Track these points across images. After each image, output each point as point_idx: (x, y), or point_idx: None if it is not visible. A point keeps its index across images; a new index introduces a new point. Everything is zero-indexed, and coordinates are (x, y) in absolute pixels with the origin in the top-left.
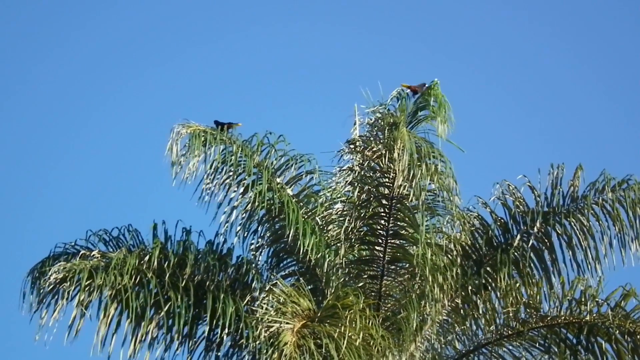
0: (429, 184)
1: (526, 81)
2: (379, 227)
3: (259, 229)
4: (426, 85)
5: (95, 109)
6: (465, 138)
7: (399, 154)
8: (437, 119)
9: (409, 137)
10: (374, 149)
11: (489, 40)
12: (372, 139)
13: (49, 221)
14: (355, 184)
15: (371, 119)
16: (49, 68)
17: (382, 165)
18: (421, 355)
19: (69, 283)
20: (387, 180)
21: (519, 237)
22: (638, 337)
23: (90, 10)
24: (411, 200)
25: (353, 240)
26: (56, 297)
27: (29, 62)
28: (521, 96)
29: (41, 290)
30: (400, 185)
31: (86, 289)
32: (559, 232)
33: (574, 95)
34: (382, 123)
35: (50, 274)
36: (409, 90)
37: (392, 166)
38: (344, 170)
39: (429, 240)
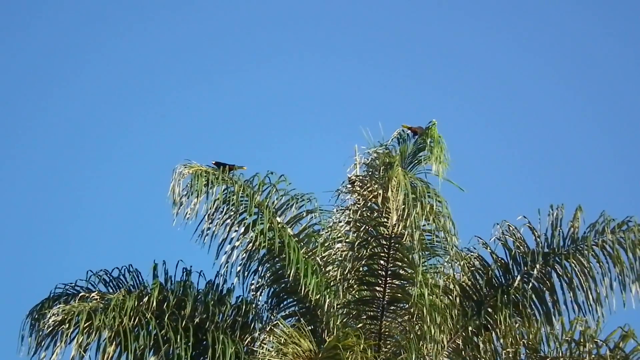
0: (426, 224)
1: (526, 122)
2: (378, 268)
3: (260, 269)
4: (426, 126)
5: (96, 150)
6: (466, 178)
7: (392, 193)
8: (432, 158)
9: (404, 177)
10: (370, 189)
11: (489, 81)
12: (368, 178)
13: (49, 261)
14: (352, 224)
15: (368, 159)
16: (48, 111)
17: (379, 205)
18: None
19: (67, 325)
20: (385, 220)
21: (519, 277)
22: None
23: (94, 47)
24: (407, 240)
25: (352, 280)
26: (55, 339)
27: (28, 109)
28: (522, 137)
29: (40, 333)
30: (395, 224)
31: (85, 330)
32: (560, 273)
33: (574, 136)
34: (378, 163)
35: (49, 316)
36: (409, 131)
37: (388, 205)
38: (342, 210)
39: (427, 281)
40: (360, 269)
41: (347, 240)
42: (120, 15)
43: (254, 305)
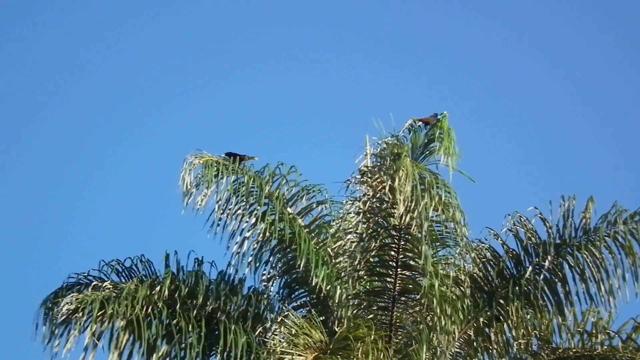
0: (435, 214)
1: (537, 114)
2: (388, 259)
3: (271, 259)
4: (437, 117)
5: (108, 140)
6: (477, 169)
7: (399, 183)
8: (441, 150)
9: (412, 167)
10: (379, 180)
11: (499, 75)
12: (377, 169)
13: (62, 251)
14: (362, 215)
15: (377, 150)
16: (60, 105)
17: (389, 196)
18: None
19: (81, 314)
20: (394, 211)
21: (531, 269)
22: None
23: (104, 45)
24: (416, 231)
25: (363, 271)
26: (69, 327)
27: (40, 101)
28: (533, 128)
29: (54, 321)
30: (402, 215)
31: (98, 319)
32: (572, 264)
33: (586, 127)
34: (387, 153)
35: (62, 304)
36: (420, 123)
37: (396, 196)
38: (352, 200)
39: (437, 272)
40: (371, 259)
41: (357, 231)
42: (132, 14)
43: (265, 296)
